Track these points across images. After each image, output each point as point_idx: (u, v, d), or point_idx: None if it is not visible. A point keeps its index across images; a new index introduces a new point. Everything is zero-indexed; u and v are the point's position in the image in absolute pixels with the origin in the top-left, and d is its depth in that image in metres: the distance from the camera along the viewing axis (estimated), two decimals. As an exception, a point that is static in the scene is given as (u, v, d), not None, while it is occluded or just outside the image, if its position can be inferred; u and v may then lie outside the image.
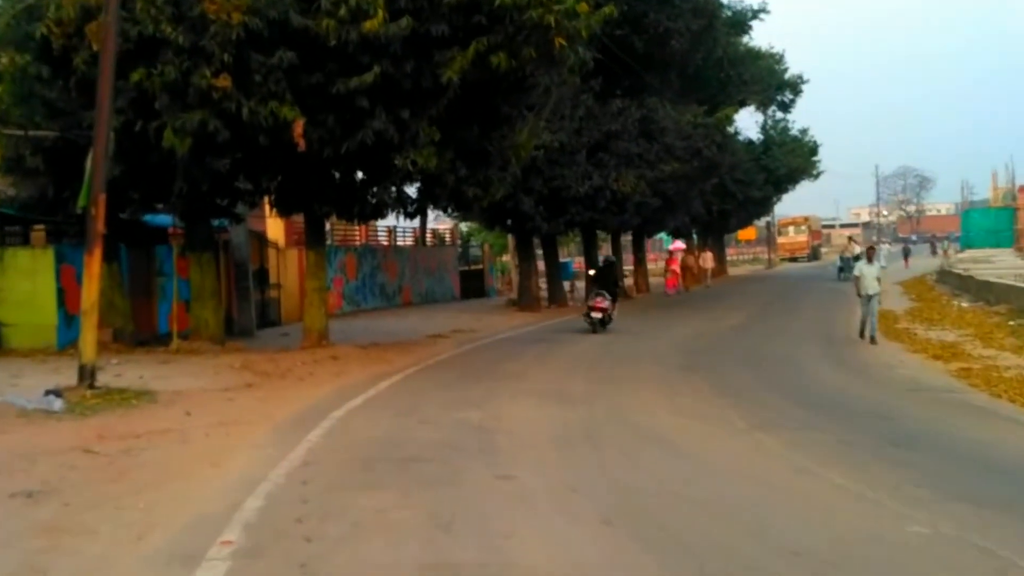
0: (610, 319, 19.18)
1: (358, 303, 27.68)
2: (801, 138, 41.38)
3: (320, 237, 16.15)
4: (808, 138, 41.65)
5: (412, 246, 32.72)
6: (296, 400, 10.98)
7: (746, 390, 11.49)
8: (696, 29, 25.19)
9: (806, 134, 41.65)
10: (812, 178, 43.86)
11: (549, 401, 10.67)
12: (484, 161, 14.81)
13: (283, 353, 15.08)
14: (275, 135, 12.57)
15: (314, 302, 15.84)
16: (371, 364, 14.30)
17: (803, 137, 41.53)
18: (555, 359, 15.02)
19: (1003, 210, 55.07)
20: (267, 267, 22.66)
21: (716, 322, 21.51)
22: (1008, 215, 53.94)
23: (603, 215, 25.03)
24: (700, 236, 42.02)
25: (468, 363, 14.70)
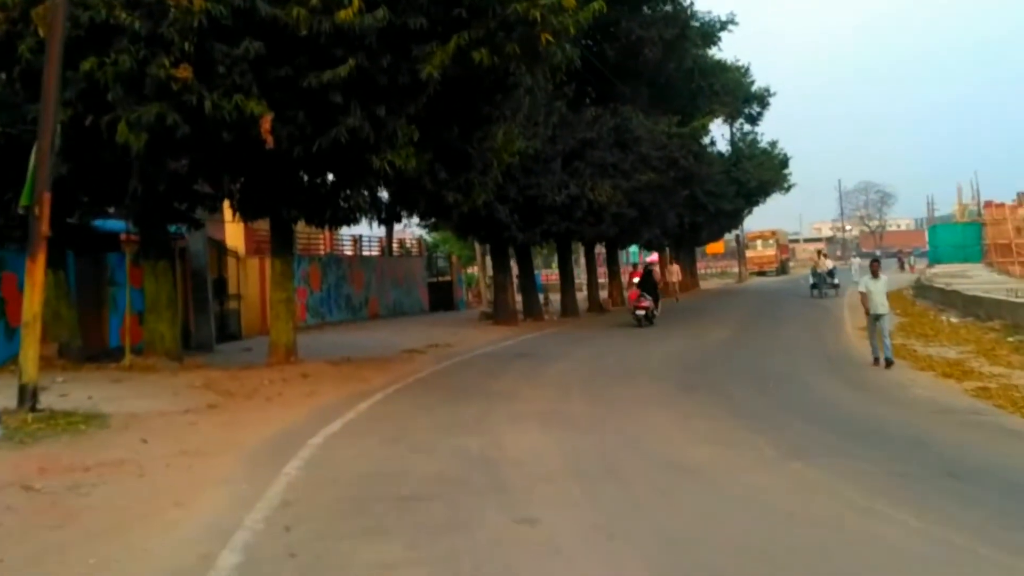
0: (654, 315, 23.59)
1: (323, 316, 26.41)
2: (771, 151, 41.11)
3: (287, 244, 14.96)
4: (778, 151, 41.40)
5: (379, 256, 31.51)
6: (266, 424, 9.81)
7: (761, 412, 10.58)
8: (668, 38, 24.59)
9: (776, 147, 41.43)
10: (783, 191, 43.61)
11: (551, 425, 9.64)
12: (465, 164, 13.78)
13: (248, 370, 13.86)
14: (240, 131, 11.41)
15: (281, 315, 14.64)
16: (345, 382, 13.15)
17: (773, 150, 41.27)
18: (544, 376, 14.01)
19: (970, 225, 55.54)
20: (226, 277, 21.37)
21: (700, 337, 20.69)
22: (976, 230, 54.38)
23: (579, 225, 24.16)
24: (671, 249, 41.39)
25: (451, 381, 13.62)
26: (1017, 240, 55.85)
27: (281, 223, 14.52)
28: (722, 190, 35.10)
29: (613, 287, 33.51)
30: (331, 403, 11.39)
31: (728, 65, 33.55)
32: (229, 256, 21.59)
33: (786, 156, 42.05)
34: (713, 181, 32.49)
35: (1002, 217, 56.51)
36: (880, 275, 15.05)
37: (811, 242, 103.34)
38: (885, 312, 14.57)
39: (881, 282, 14.85)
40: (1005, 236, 55.56)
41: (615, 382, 13.37)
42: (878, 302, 14.49)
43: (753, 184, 39.06)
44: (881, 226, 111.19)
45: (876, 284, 14.73)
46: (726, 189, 35.58)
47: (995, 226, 56.48)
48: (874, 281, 14.79)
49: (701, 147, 28.00)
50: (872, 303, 14.55)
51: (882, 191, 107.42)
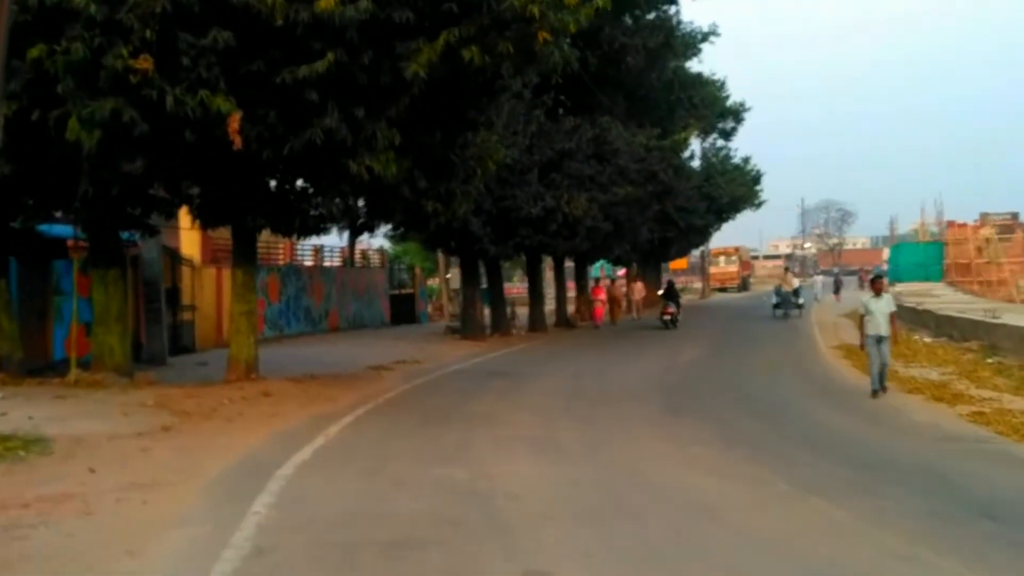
0: (677, 319, 27.89)
1: (281, 328, 25.35)
2: (743, 167, 40.89)
3: (250, 254, 14.02)
4: (751, 167, 41.20)
5: (340, 267, 30.48)
6: (228, 450, 8.92)
7: (760, 440, 9.98)
8: (652, 47, 24.11)
9: (748, 163, 41.22)
10: (754, 207, 43.47)
11: (541, 453, 8.91)
12: (446, 172, 13.02)
13: (205, 387, 12.91)
14: (204, 131, 10.55)
15: (242, 328, 13.69)
16: (311, 402, 12.27)
17: (745, 166, 41.05)
18: (523, 397, 13.27)
19: (932, 245, 56.14)
20: (180, 286, 20.26)
21: (674, 356, 20.14)
22: (937, 249, 54.94)
23: (553, 239, 23.53)
24: (638, 265, 40.90)
25: (425, 402, 12.81)
26: (977, 260, 56.81)
27: (244, 232, 13.60)
28: (693, 206, 34.69)
29: (581, 302, 32.89)
30: (297, 426, 10.52)
31: (705, 79, 33.21)
32: (184, 265, 20.51)
33: (759, 172, 41.94)
34: (685, 196, 32.08)
35: (963, 237, 57.22)
36: (883, 293, 13.49)
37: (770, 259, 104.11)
38: (886, 335, 13.05)
39: (884, 301, 13.23)
40: (966, 256, 56.25)
41: (598, 404, 12.69)
42: (880, 323, 13.02)
43: (725, 200, 38.78)
44: (840, 244, 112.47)
45: (878, 303, 13.15)
46: (697, 205, 35.21)
47: (956, 246, 57.28)
48: (876, 300, 13.20)
49: (681, 161, 27.56)
50: (874, 324, 13.03)
51: (843, 209, 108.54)
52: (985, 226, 57.42)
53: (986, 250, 56.82)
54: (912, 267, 54.63)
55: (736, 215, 43.71)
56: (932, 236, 58.72)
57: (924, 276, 51.79)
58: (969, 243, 57.17)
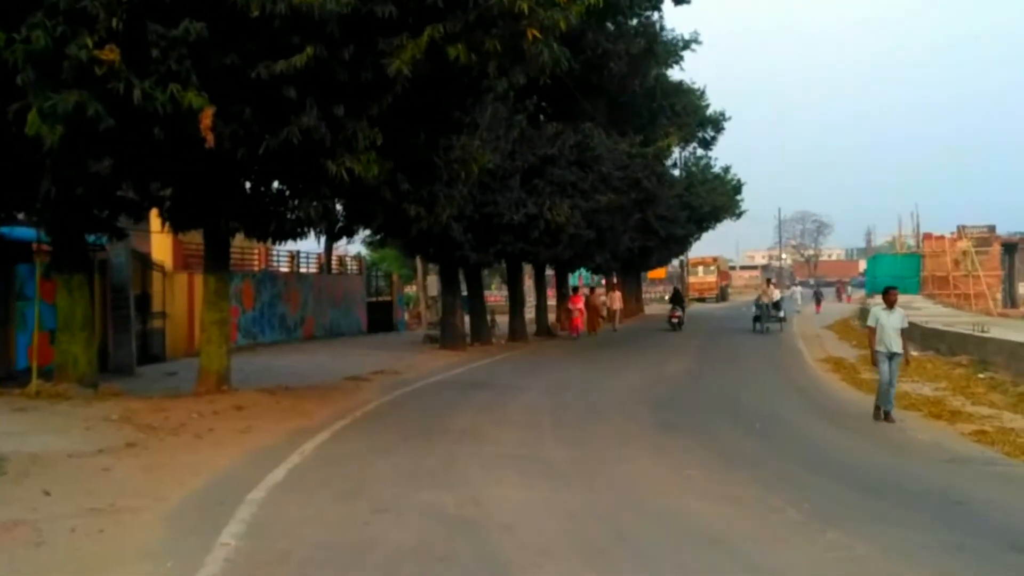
0: (682, 322, 31.62)
1: (255, 336, 24.60)
2: (724, 176, 40.63)
3: (223, 260, 13.35)
4: (731, 176, 40.95)
5: (316, 273, 29.75)
6: (196, 470, 8.28)
7: (760, 460, 9.48)
8: (635, 52, 23.68)
9: (729, 172, 40.98)
10: (735, 217, 43.22)
11: (532, 475, 8.36)
12: (429, 174, 12.44)
13: (173, 399, 12.22)
14: (175, 127, 9.89)
15: (213, 338, 13.01)
16: (286, 417, 11.62)
17: (726, 175, 40.79)
18: (508, 412, 12.70)
19: (909, 256, 56.38)
20: (150, 293, 19.51)
21: (659, 368, 19.67)
22: (915, 261, 55.21)
23: (535, 246, 22.99)
24: (618, 274, 40.43)
25: (406, 416, 12.19)
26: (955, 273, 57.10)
27: (217, 236, 12.93)
28: (674, 215, 34.32)
29: (562, 311, 32.35)
30: (271, 442, 9.88)
31: (686, 87, 32.86)
32: (155, 270, 19.75)
33: (739, 182, 41.68)
34: (667, 205, 31.67)
35: (941, 250, 57.60)
36: (897, 307, 12.33)
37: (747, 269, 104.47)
38: (898, 351, 11.99)
39: (896, 316, 12.12)
40: (943, 268, 56.60)
41: (586, 419, 12.15)
42: (893, 338, 11.98)
43: (706, 209, 38.45)
44: (816, 255, 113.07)
45: (891, 317, 12.10)
46: (678, 214, 34.83)
47: (934, 258, 57.57)
48: (888, 313, 12.12)
49: (664, 168, 27.15)
50: (886, 338, 11.99)
51: (819, 221, 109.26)
52: (962, 239, 57.80)
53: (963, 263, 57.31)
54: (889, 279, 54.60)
55: (716, 224, 43.46)
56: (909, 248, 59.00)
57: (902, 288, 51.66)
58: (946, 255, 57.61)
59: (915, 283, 52.16)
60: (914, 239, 62.64)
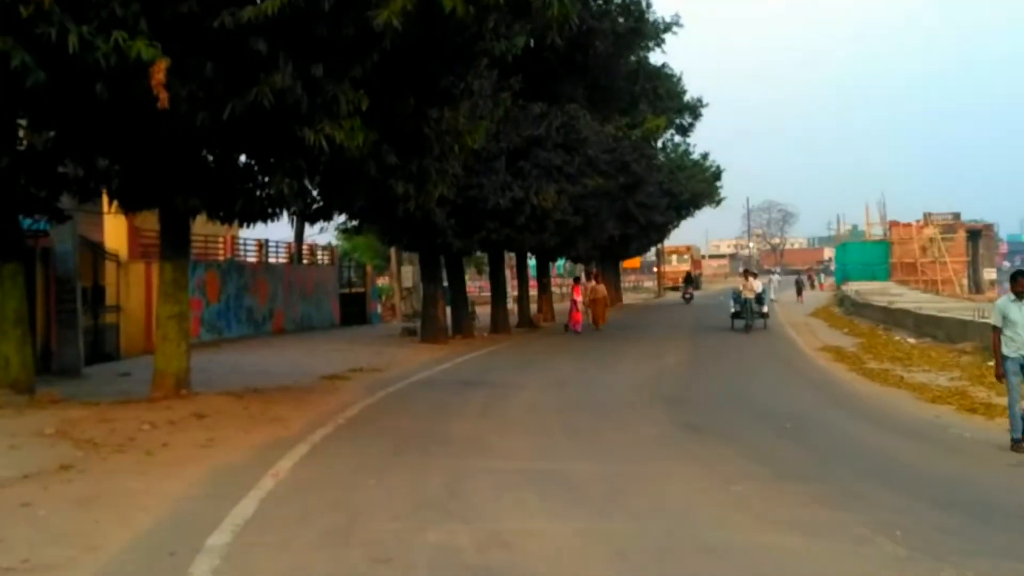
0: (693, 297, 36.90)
1: (220, 331, 22.87)
2: (702, 162, 39.40)
3: (181, 245, 11.68)
4: (710, 163, 39.79)
5: (286, 264, 28.01)
6: (143, 502, 6.73)
7: (808, 470, 8.19)
8: (621, 32, 22.29)
9: (707, 159, 39.78)
10: (714, 204, 42.11)
11: (558, 498, 6.94)
12: (419, 147, 10.90)
13: (123, 406, 10.61)
14: (121, 84, 8.31)
15: (170, 335, 11.37)
16: (255, 425, 10.05)
17: (704, 161, 39.59)
18: (509, 415, 11.27)
19: (878, 244, 56.31)
20: (103, 284, 17.76)
21: (657, 360, 18.37)
22: (883, 249, 55.17)
23: (520, 233, 21.53)
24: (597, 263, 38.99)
25: (394, 423, 10.68)
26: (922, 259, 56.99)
27: (174, 217, 11.25)
28: (654, 201, 32.96)
29: (543, 301, 30.93)
30: (238, 459, 8.35)
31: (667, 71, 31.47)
32: (108, 260, 17.99)
33: (719, 168, 40.57)
34: (651, 190, 30.30)
35: (908, 237, 57.56)
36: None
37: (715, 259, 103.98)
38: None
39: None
40: (911, 255, 56.62)
41: (599, 422, 10.75)
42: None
43: (685, 196, 37.24)
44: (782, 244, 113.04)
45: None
46: (659, 200, 33.52)
47: (901, 245, 57.46)
48: (1020, 306, 8.89)
49: (653, 151, 25.79)
50: (1018, 340, 8.85)
51: (784, 210, 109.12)
52: (928, 226, 57.73)
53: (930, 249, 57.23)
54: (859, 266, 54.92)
55: (695, 212, 42.31)
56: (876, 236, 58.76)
57: (871, 275, 51.88)
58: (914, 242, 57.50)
59: (884, 270, 52.24)
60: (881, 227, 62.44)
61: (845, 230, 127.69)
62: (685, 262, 62.21)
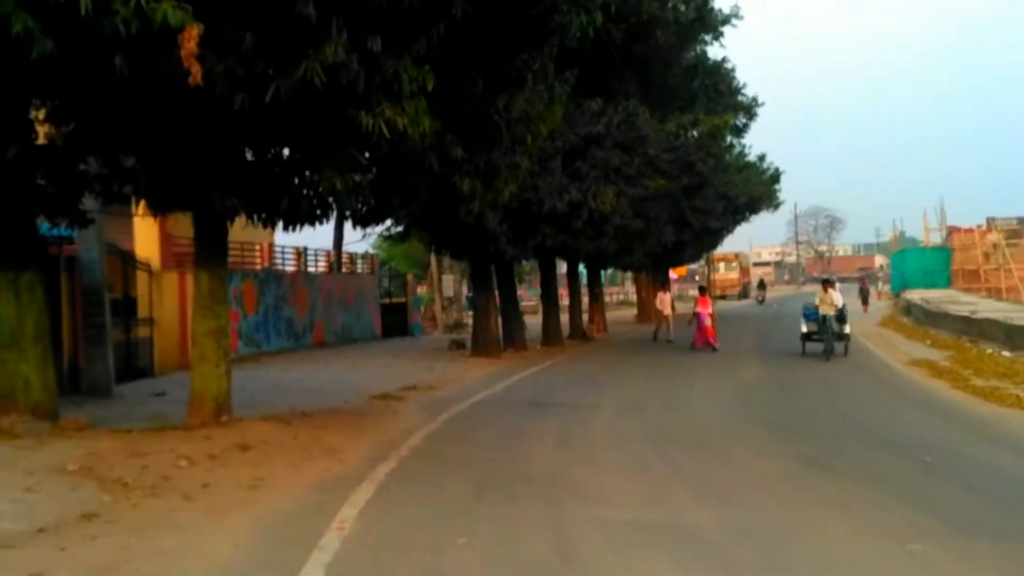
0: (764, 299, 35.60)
1: (259, 344, 21.61)
2: (759, 164, 37.37)
3: (218, 251, 10.32)
4: (767, 165, 37.77)
5: (326, 273, 26.74)
6: (180, 567, 5.32)
7: (988, 521, 6.58)
8: (684, 21, 20.72)
9: (764, 160, 37.68)
10: (773, 208, 40.17)
11: (698, 565, 5.43)
12: (488, 137, 9.46)
13: (156, 436, 9.27)
14: (145, 56, 6.97)
15: (208, 353, 10.01)
16: (308, 458, 8.65)
17: (761, 163, 37.58)
18: (594, 444, 9.75)
19: (939, 250, 53.84)
20: (134, 295, 16.55)
21: (732, 376, 16.74)
22: (944, 255, 52.70)
23: (576, 239, 20.04)
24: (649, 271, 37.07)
25: (466, 454, 9.20)
26: (985, 266, 54.31)
27: (210, 219, 9.91)
28: (710, 206, 31.11)
29: (595, 312, 29.28)
30: (291, 507, 6.93)
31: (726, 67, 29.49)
32: (139, 269, 16.78)
33: (777, 171, 38.48)
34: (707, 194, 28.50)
35: (971, 242, 54.91)
36: None
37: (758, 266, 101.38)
38: None
39: None
40: (973, 262, 53.93)
41: (702, 454, 9.18)
42: None
43: (743, 200, 35.31)
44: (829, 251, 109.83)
45: None
46: (714, 204, 31.68)
47: (964, 251, 54.82)
48: None
49: (720, 149, 24.08)
50: None
51: (832, 216, 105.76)
52: (992, 231, 54.99)
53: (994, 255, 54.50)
54: (919, 273, 52.39)
55: (752, 217, 40.30)
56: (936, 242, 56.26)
57: (931, 282, 49.44)
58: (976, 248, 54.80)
59: (945, 277, 49.72)
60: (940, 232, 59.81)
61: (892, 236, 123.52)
62: (734, 270, 60.12)
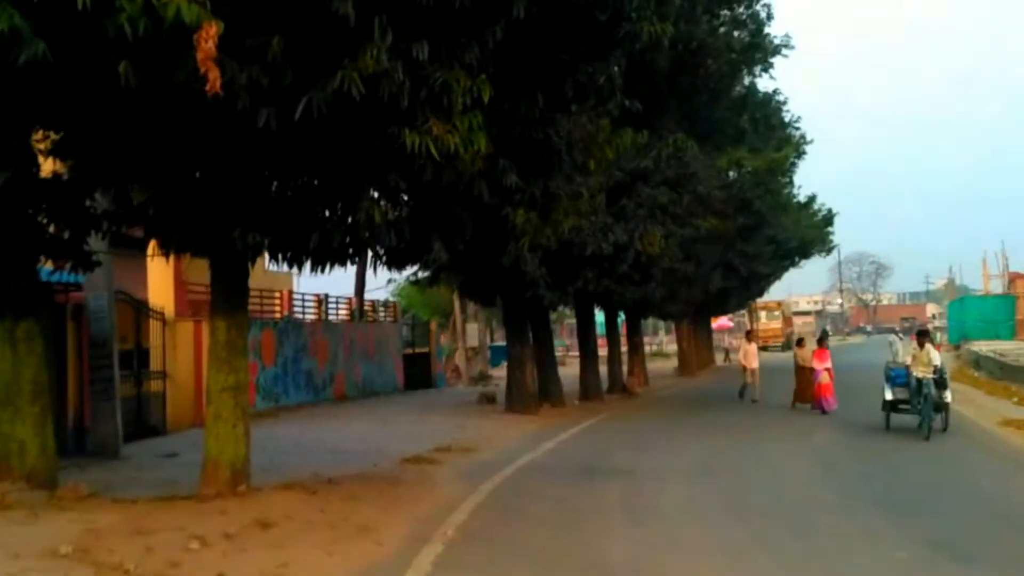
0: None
1: (277, 398, 20.34)
2: (808, 205, 35.46)
3: (237, 296, 9.08)
4: (819, 206, 35.91)
5: (347, 321, 25.53)
6: None
7: None
8: (736, 48, 19.60)
9: (814, 201, 35.78)
10: (825, 253, 38.16)
11: None
12: (546, 162, 8.25)
13: (165, 508, 8.05)
14: (153, 63, 5.87)
15: (224, 412, 8.73)
16: (338, 540, 7.30)
17: (811, 204, 35.70)
18: (668, 521, 8.33)
19: (1003, 298, 50.79)
20: (147, 347, 15.40)
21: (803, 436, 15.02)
22: (1008, 304, 49.68)
23: (620, 283, 18.74)
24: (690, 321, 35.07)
25: (522, 536, 7.79)
26: (1052, 316, 51.29)
27: (229, 260, 8.70)
28: (758, 250, 29.52)
29: (635, 364, 27.67)
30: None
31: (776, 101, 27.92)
32: (152, 317, 15.64)
33: (831, 212, 36.45)
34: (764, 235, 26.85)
35: (1036, 290, 51.98)
36: None
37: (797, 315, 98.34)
38: None
39: None
40: (1040, 311, 50.84)
41: (806, 536, 7.72)
42: None
43: (793, 244, 33.53)
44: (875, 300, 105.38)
45: None
46: (763, 249, 30.06)
47: (1029, 300, 51.78)
48: None
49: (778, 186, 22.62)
50: None
51: (877, 262, 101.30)
52: (1058, 277, 52.23)
53: (1060, 304, 51.58)
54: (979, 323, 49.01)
55: (803, 262, 38.30)
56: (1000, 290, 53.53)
57: (994, 333, 46.23)
58: (1044, 296, 51.87)
59: (1010, 327, 46.60)
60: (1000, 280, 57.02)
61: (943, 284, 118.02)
62: (776, 319, 57.64)
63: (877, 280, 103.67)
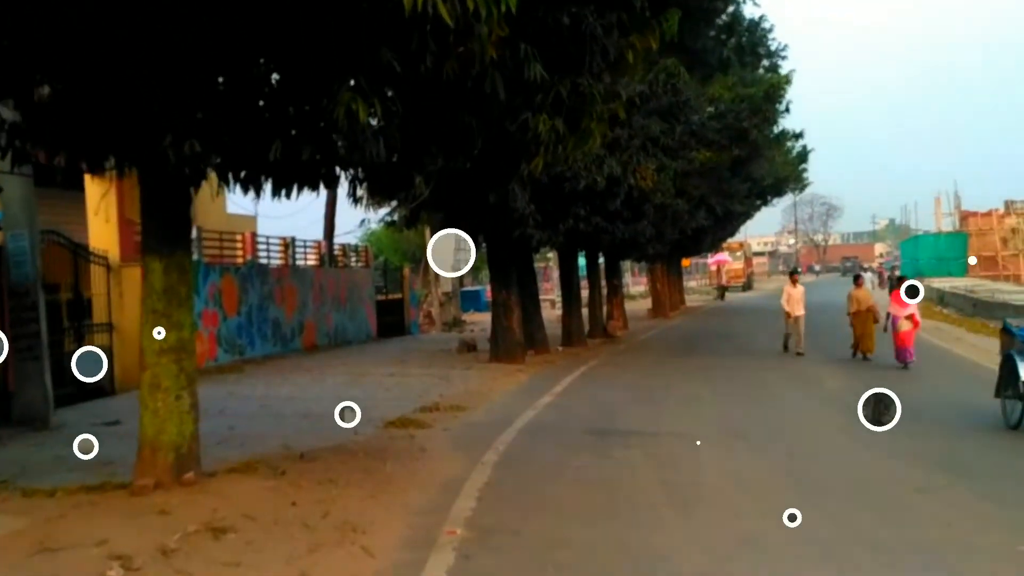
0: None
1: (241, 350, 18.50)
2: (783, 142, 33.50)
3: (175, 229, 7.12)
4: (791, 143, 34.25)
5: (316, 267, 23.57)
6: None
7: None
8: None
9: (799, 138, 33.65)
10: (799, 191, 37.06)
11: None
12: (577, 54, 6.41)
13: (87, 505, 6.29)
14: None
15: (163, 380, 6.86)
16: (316, 548, 5.60)
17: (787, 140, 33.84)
18: (727, 503, 6.77)
19: (955, 236, 51.29)
20: (88, 296, 13.46)
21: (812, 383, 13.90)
22: (961, 241, 50.10)
23: (612, 221, 17.07)
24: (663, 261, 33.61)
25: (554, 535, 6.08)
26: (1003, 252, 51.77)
27: (162, 178, 6.79)
28: (734, 188, 28.06)
29: (615, 307, 26.23)
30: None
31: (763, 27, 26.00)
32: (93, 263, 13.65)
33: (805, 149, 35.02)
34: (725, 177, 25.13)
35: (988, 227, 52.31)
36: None
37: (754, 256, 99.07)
38: None
39: None
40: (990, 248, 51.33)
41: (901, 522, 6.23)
42: None
43: (768, 181, 32.10)
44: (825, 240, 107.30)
45: None
46: (739, 186, 28.58)
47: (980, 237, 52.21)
48: None
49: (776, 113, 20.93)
50: None
51: (828, 203, 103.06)
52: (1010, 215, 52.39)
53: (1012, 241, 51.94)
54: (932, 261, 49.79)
55: (777, 199, 37.11)
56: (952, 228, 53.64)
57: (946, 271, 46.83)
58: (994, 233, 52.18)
59: (962, 264, 47.03)
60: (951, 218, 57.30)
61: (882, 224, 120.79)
62: (739, 259, 57.26)
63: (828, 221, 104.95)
